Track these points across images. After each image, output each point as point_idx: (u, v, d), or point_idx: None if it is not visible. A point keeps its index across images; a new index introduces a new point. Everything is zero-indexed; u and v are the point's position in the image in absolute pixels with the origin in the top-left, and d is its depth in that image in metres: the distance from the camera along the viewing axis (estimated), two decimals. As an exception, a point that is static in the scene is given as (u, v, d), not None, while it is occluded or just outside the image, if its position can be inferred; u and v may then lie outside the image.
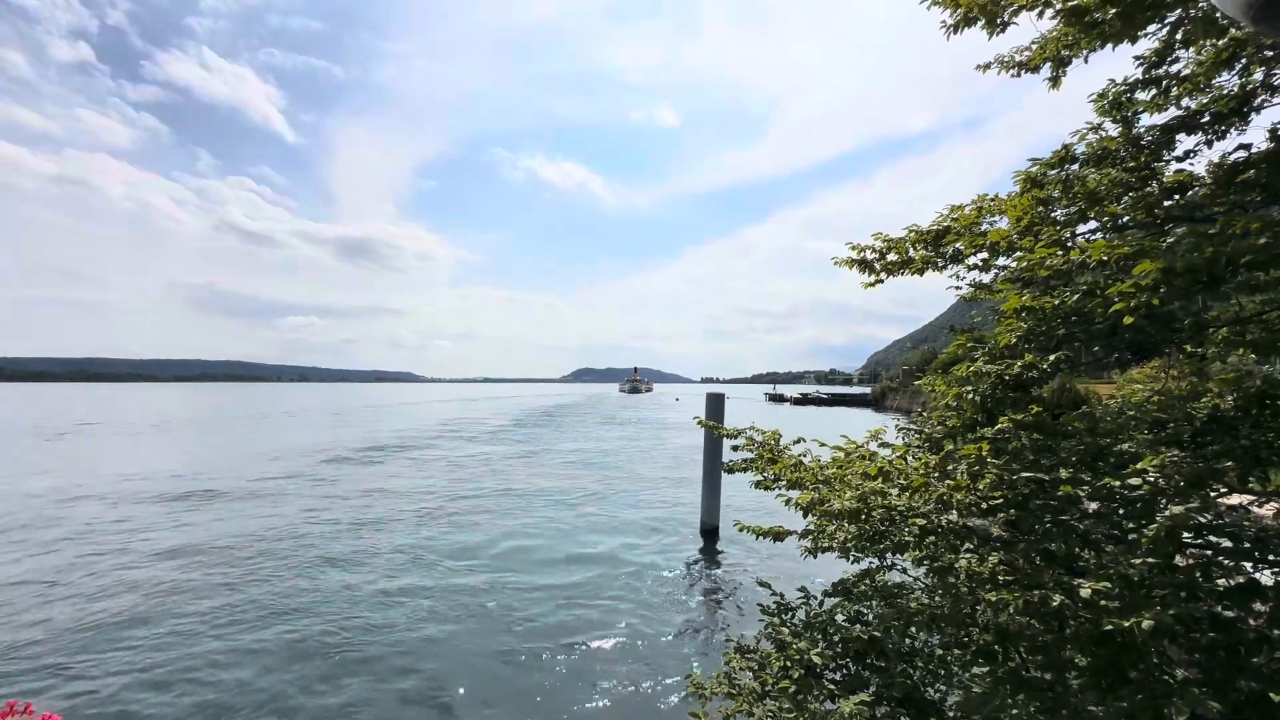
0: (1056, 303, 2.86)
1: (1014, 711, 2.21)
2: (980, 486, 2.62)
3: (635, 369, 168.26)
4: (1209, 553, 2.38)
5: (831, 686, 3.02)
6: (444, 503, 14.98)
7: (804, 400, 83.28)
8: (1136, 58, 3.55)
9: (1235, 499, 2.69)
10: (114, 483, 17.52)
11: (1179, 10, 3.09)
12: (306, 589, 8.79)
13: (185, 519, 13.05)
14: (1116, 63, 3.80)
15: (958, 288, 4.33)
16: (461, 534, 12.01)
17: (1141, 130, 3.43)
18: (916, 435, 3.75)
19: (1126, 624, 1.94)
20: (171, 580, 9.08)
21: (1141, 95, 3.58)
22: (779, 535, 4.17)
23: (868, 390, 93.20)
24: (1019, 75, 4.02)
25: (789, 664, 3.09)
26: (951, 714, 2.92)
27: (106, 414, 52.85)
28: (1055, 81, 3.84)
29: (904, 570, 3.98)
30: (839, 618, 3.58)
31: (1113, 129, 3.54)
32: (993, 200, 3.84)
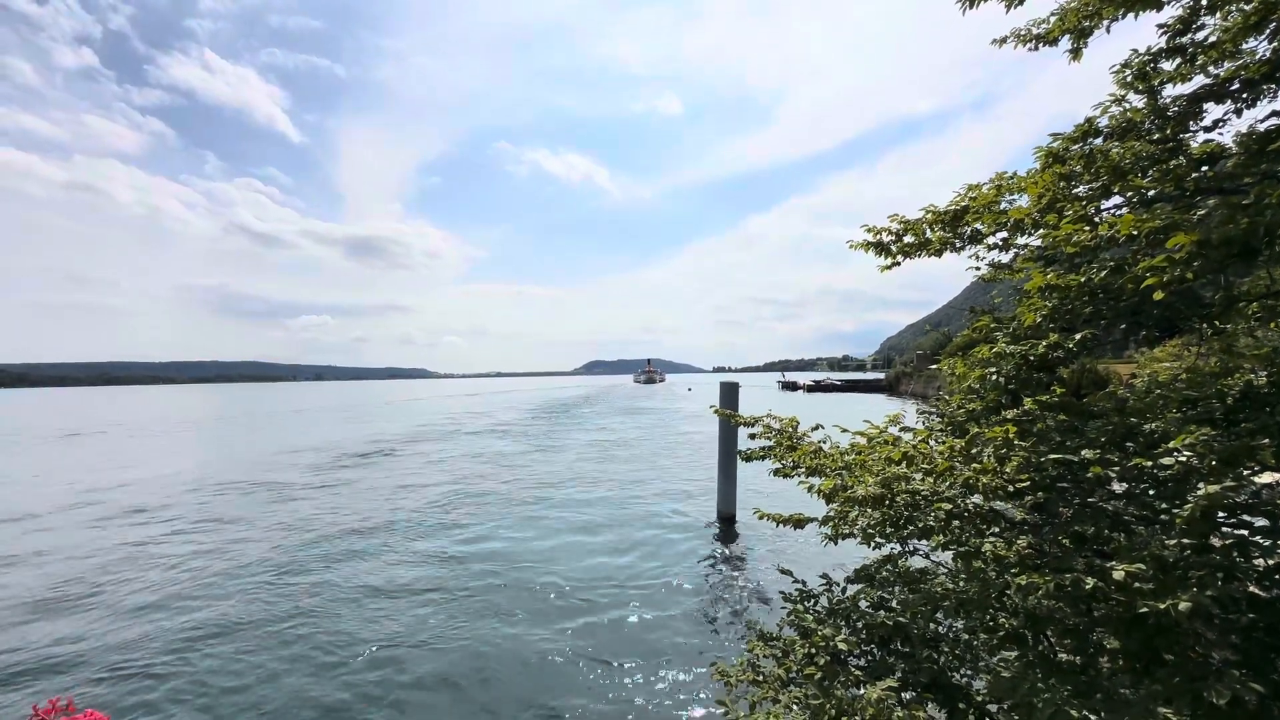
0: (1083, 280, 2.79)
1: (1045, 695, 2.18)
2: (1007, 469, 2.58)
3: (649, 360, 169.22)
4: (1244, 532, 2.33)
5: (857, 672, 3.00)
6: (466, 493, 15.14)
7: (817, 387, 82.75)
8: (1160, 26, 3.44)
9: (1270, 477, 2.63)
10: (182, 474, 17.96)
11: None
12: (325, 585, 8.94)
13: (238, 508, 13.33)
14: (1137, 34, 3.68)
15: (976, 268, 4.26)
16: (480, 524, 12.12)
17: (1167, 101, 3.33)
18: (938, 420, 3.71)
19: (1163, 606, 1.90)
20: (224, 564, 9.31)
21: (1166, 65, 3.47)
22: (799, 522, 4.15)
23: (881, 376, 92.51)
24: (1036, 48, 3.91)
25: (814, 650, 3.08)
26: (979, 698, 2.90)
27: (149, 415, 54.82)
28: (1076, 53, 3.74)
29: (926, 555, 3.95)
30: (862, 604, 3.56)
31: (1137, 100, 3.44)
32: (1012, 178, 3.75)
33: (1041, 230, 3.42)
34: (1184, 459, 2.33)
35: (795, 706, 2.80)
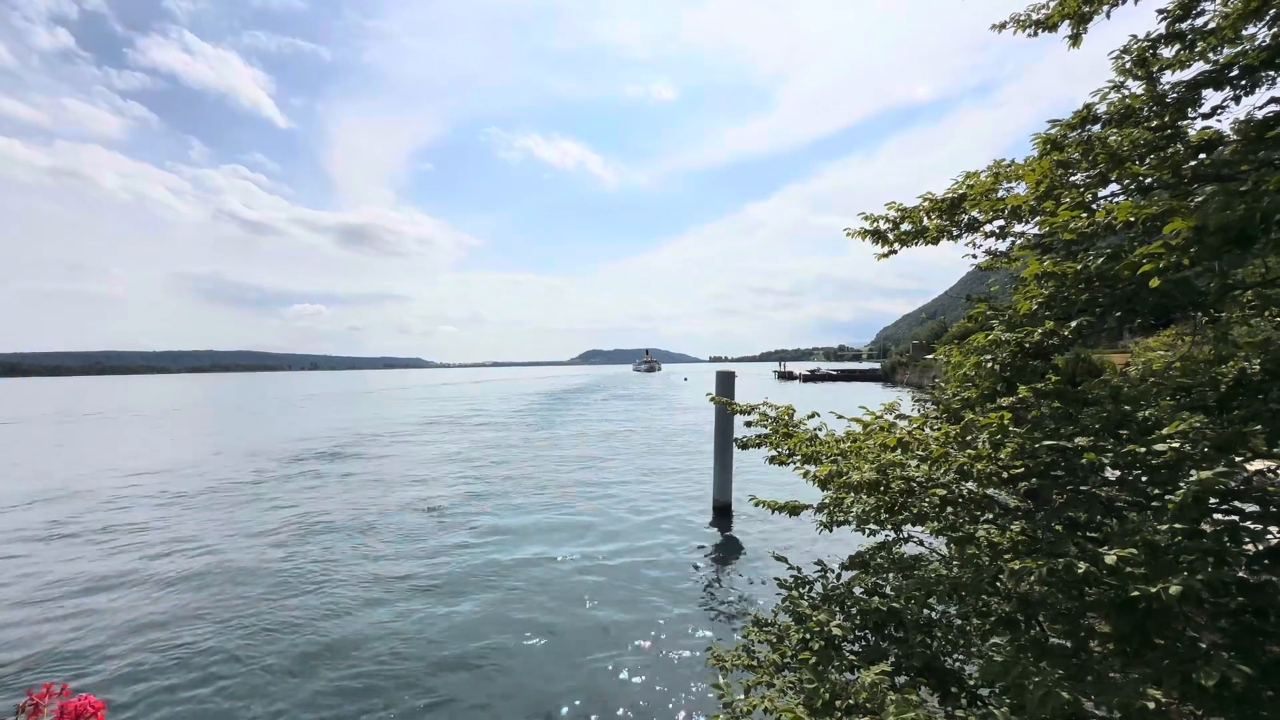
0: (1079, 267, 2.79)
1: (1036, 678, 2.21)
2: (1001, 456, 2.59)
3: (647, 350, 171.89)
4: (1235, 518, 2.35)
5: (851, 657, 3.03)
6: (466, 479, 15.17)
7: (813, 376, 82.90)
8: (1160, 11, 3.41)
9: (1260, 464, 2.65)
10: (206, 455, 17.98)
11: None
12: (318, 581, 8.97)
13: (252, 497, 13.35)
14: (1137, 20, 3.66)
15: (973, 256, 4.26)
16: (478, 510, 12.16)
17: (1166, 87, 3.32)
18: (934, 407, 3.72)
19: (1154, 590, 1.92)
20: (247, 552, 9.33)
21: (1165, 51, 3.45)
22: (795, 509, 4.18)
23: (877, 365, 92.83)
24: (1035, 34, 3.89)
25: (809, 636, 3.11)
26: (972, 682, 2.93)
27: (162, 404, 55.43)
28: (1075, 39, 3.71)
29: (920, 542, 3.98)
30: (857, 590, 3.59)
31: (1136, 87, 3.43)
32: (1009, 165, 3.74)
33: (1039, 217, 3.41)
34: (1177, 446, 2.35)
35: (789, 690, 2.83)
